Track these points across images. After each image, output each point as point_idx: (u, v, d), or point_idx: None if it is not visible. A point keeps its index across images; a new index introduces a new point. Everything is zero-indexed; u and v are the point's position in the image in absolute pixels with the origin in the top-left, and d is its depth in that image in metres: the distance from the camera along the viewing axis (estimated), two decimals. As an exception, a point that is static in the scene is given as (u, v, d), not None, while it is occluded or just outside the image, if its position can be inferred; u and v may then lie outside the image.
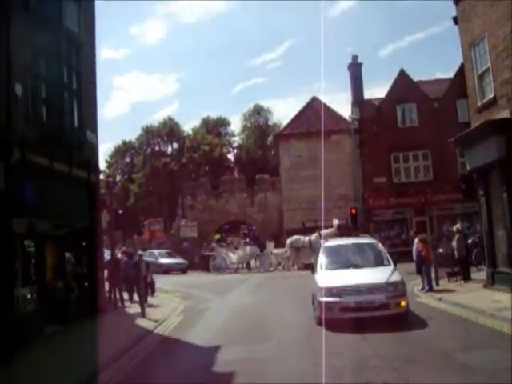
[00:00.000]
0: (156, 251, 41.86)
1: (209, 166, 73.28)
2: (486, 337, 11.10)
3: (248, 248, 37.18)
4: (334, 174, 39.48)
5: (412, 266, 19.77)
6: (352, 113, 40.37)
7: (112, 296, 19.55)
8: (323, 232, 30.32)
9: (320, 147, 39.73)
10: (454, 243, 20.61)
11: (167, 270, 38.24)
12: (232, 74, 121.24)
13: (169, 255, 41.37)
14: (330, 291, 12.67)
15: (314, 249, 32.37)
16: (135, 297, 20.05)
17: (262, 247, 37.99)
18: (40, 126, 14.11)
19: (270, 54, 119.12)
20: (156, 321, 15.68)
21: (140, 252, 25.32)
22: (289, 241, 34.39)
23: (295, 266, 34.13)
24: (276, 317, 15.52)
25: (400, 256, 18.62)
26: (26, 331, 12.43)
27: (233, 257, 37.27)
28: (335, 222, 32.41)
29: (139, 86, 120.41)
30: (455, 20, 19.76)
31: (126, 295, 20.78)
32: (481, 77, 17.85)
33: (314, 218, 39.27)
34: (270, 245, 38.61)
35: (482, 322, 12.44)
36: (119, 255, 22.99)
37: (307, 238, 33.28)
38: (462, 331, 11.80)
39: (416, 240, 20.00)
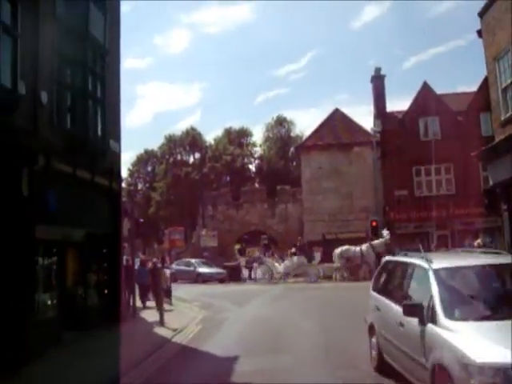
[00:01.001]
0: (193, 260, 41.07)
1: (230, 176, 73.58)
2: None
3: (295, 258, 36.16)
4: (356, 186, 39.45)
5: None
6: (374, 125, 40.31)
7: (131, 303, 19.66)
8: (375, 242, 29.96)
9: (341, 159, 39.85)
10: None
11: (207, 279, 37.68)
12: (255, 84, 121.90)
13: (206, 264, 40.54)
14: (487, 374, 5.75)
15: (365, 260, 32.16)
16: (148, 303, 20.16)
17: (310, 258, 37.20)
18: (64, 133, 14.28)
19: (293, 65, 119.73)
20: (175, 329, 15.72)
21: (155, 259, 25.27)
22: (338, 251, 32.96)
23: (345, 277, 33.09)
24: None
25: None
26: (45, 337, 12.52)
27: (279, 267, 36.41)
28: (385, 232, 31.70)
29: (162, 96, 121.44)
30: (479, 33, 19.67)
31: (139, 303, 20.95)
32: (505, 90, 17.73)
33: (335, 231, 39.28)
34: (317, 255, 37.51)
35: None
36: (138, 263, 23.11)
37: (358, 248, 32.37)
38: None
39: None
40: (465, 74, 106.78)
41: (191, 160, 79.95)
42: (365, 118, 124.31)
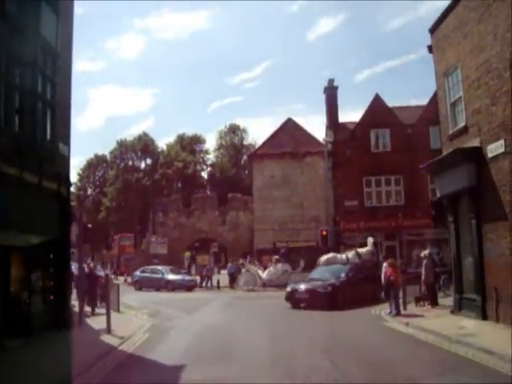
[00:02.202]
0: (160, 267, 39.13)
1: (182, 183, 73.24)
2: (450, 363, 11.14)
3: (280, 265, 35.76)
4: (307, 196, 39.83)
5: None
6: (326, 135, 40.70)
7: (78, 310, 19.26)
8: (360, 250, 29.93)
9: (293, 168, 40.11)
10: (422, 269, 20.84)
11: (177, 287, 36.11)
12: (209, 91, 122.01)
13: (173, 271, 38.65)
14: None
15: None
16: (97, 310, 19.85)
17: (295, 265, 36.52)
18: (12, 135, 13.91)
19: (248, 74, 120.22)
20: (121, 337, 15.43)
21: (91, 264, 24.68)
22: (324, 258, 31.40)
23: None
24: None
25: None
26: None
27: (262, 274, 35.76)
28: (370, 240, 31.48)
29: (114, 100, 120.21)
30: (430, 49, 20.13)
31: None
32: (453, 105, 18.16)
33: (285, 239, 39.48)
34: (302, 262, 36.29)
35: (448, 347, 12.51)
36: (86, 269, 22.69)
37: (344, 256, 31.83)
38: (428, 356, 11.83)
39: (385, 264, 20.11)
40: (416, 88, 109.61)
41: (143, 166, 79.24)
42: (317, 128, 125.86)
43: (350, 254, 30.60)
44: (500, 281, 14.82)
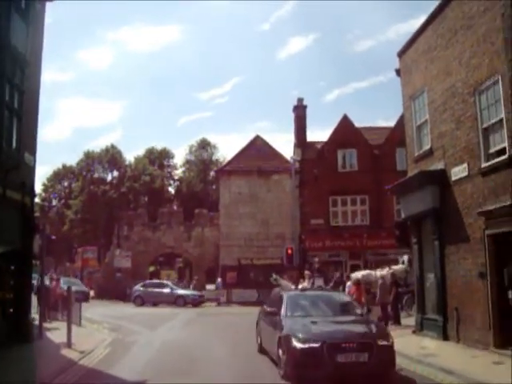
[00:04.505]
0: (165, 281, 40.02)
1: (148, 197, 72.67)
2: (411, 383, 11.22)
3: (315, 280, 34.78)
4: (273, 213, 39.91)
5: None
6: (294, 154, 40.95)
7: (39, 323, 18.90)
8: (395, 267, 29.12)
9: (260, 185, 40.19)
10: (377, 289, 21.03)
11: (190, 302, 36.31)
12: (178, 105, 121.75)
13: (177, 285, 39.32)
14: None
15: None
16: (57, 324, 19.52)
17: (327, 280, 35.62)
18: (-24, 143, 13.70)
19: (218, 90, 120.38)
20: (82, 352, 15.19)
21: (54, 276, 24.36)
22: (360, 275, 28.77)
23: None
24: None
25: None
26: None
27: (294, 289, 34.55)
28: (405, 257, 30.09)
29: (83, 111, 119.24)
30: (398, 72, 20.48)
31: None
32: (419, 128, 18.48)
33: (250, 256, 39.47)
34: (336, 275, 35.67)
35: (408, 367, 12.59)
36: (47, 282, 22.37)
37: (379, 273, 29.97)
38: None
39: (348, 283, 20.25)
40: (384, 110, 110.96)
41: (109, 178, 78.45)
42: (285, 146, 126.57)
43: (385, 271, 27.72)
44: (461, 301, 15.08)
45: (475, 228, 14.42)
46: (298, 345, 10.57)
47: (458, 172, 15.33)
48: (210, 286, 42.28)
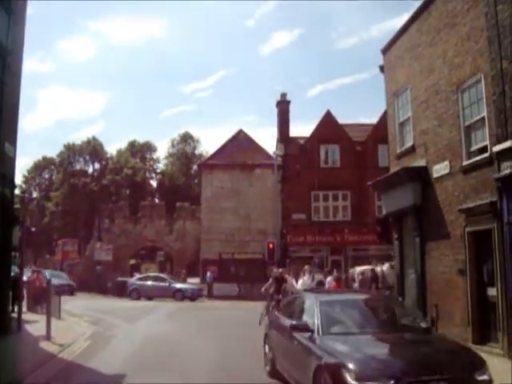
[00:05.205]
0: (162, 275, 39.66)
1: (130, 190, 72.35)
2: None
3: (315, 275, 34.40)
4: (255, 208, 39.88)
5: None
6: (277, 149, 40.93)
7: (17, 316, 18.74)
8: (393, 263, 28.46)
9: (242, 180, 40.17)
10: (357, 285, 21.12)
11: (189, 296, 35.96)
12: (161, 98, 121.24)
13: (175, 279, 39.11)
14: None
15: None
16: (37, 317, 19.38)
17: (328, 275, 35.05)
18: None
19: (201, 83, 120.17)
20: (61, 345, 15.09)
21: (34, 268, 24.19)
22: (362, 269, 27.72)
23: None
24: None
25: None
26: None
27: (296, 285, 34.47)
28: None
29: (65, 102, 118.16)
30: (381, 69, 20.57)
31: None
32: (402, 125, 18.55)
33: (232, 251, 39.47)
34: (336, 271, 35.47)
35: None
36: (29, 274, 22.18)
37: (379, 269, 28.72)
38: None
39: (329, 279, 20.28)
40: (367, 106, 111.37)
41: (90, 170, 77.94)
42: (268, 140, 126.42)
43: (385, 267, 25.25)
44: (440, 298, 15.18)
45: (456, 225, 14.52)
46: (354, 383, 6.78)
47: (440, 169, 15.42)
48: (191, 280, 42.23)
